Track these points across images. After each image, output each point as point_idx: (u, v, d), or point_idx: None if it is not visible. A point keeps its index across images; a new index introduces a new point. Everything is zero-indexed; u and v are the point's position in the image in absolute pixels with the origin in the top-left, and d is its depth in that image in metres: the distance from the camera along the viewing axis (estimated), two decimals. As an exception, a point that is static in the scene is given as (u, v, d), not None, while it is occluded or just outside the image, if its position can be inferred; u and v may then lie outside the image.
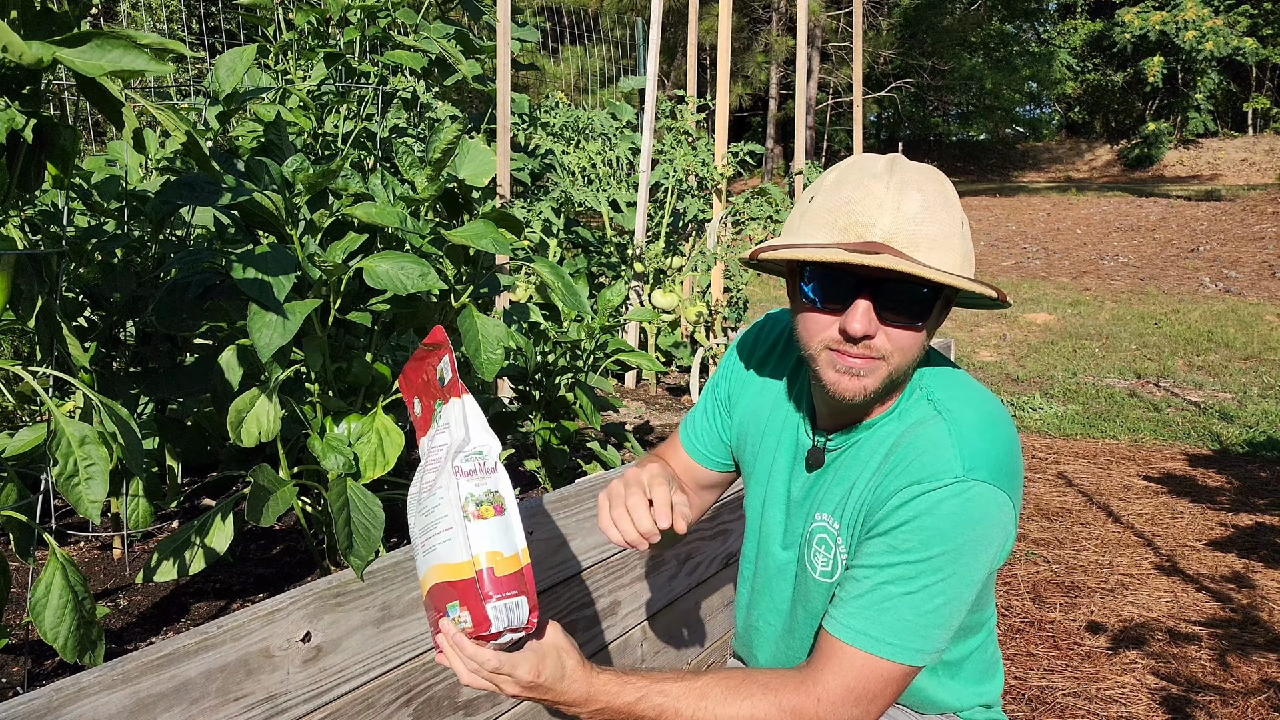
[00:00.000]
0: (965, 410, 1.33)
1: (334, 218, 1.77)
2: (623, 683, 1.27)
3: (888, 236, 1.23)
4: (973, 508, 1.25)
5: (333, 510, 1.57)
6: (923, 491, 1.26)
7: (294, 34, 2.28)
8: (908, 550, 1.27)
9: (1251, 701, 2.58)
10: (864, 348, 1.27)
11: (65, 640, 1.28)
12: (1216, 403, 6.22)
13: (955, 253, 1.26)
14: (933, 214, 1.25)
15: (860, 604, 1.29)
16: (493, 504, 1.19)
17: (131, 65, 1.16)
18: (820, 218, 1.28)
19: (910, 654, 1.27)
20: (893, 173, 1.27)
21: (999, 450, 1.29)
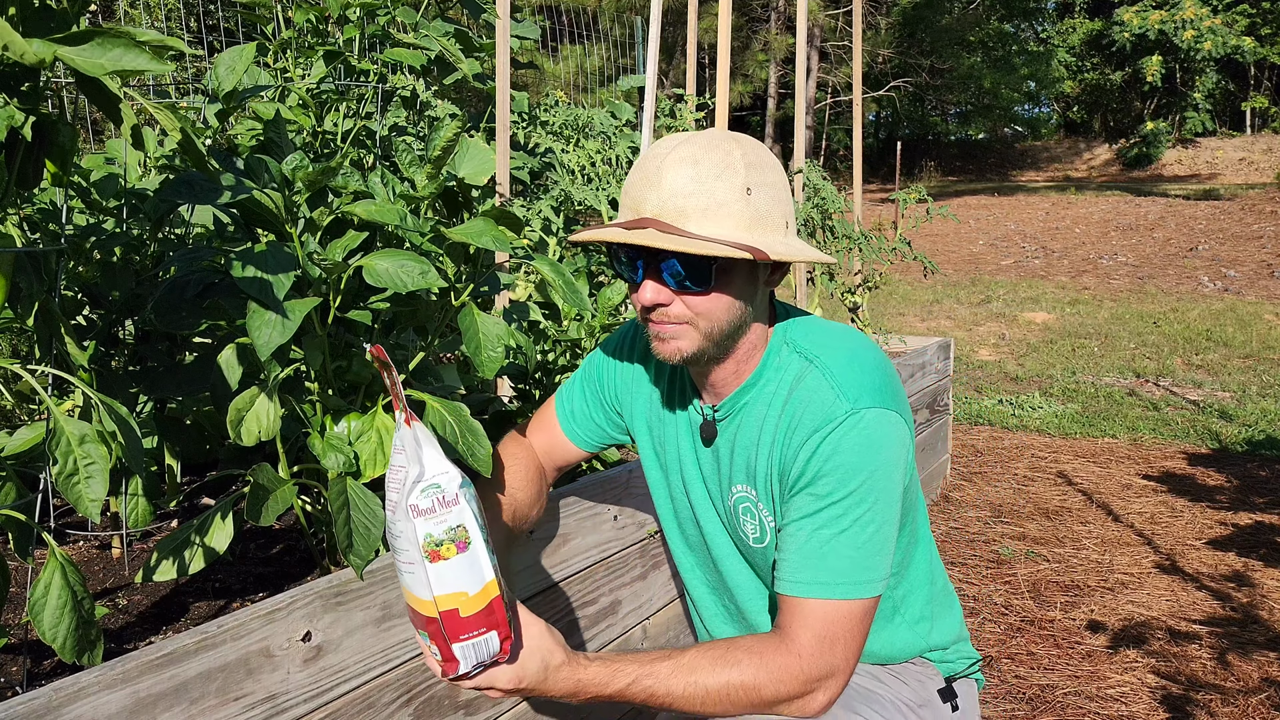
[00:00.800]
0: (831, 353, 1.41)
1: (333, 216, 1.77)
2: (612, 671, 1.29)
3: (656, 211, 1.30)
4: (871, 433, 1.34)
5: (333, 509, 1.57)
6: (823, 437, 1.34)
7: (293, 32, 2.27)
8: (829, 493, 1.34)
9: (1252, 700, 2.57)
10: (661, 314, 1.35)
11: (64, 640, 1.28)
12: (1215, 401, 6.22)
13: (733, 218, 1.30)
14: (703, 185, 1.30)
15: (802, 557, 1.36)
16: (454, 541, 1.13)
17: (132, 64, 1.16)
18: (622, 197, 1.36)
19: (862, 587, 1.34)
20: (676, 149, 1.32)
21: (872, 376, 1.38)
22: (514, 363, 2.41)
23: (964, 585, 3.39)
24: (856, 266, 4.42)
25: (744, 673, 1.30)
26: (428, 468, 1.14)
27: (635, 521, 2.13)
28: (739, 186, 1.32)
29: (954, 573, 3.50)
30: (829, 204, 4.17)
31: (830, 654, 1.33)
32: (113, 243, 1.92)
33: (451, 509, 1.14)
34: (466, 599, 1.13)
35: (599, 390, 1.73)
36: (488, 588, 1.15)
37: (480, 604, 1.14)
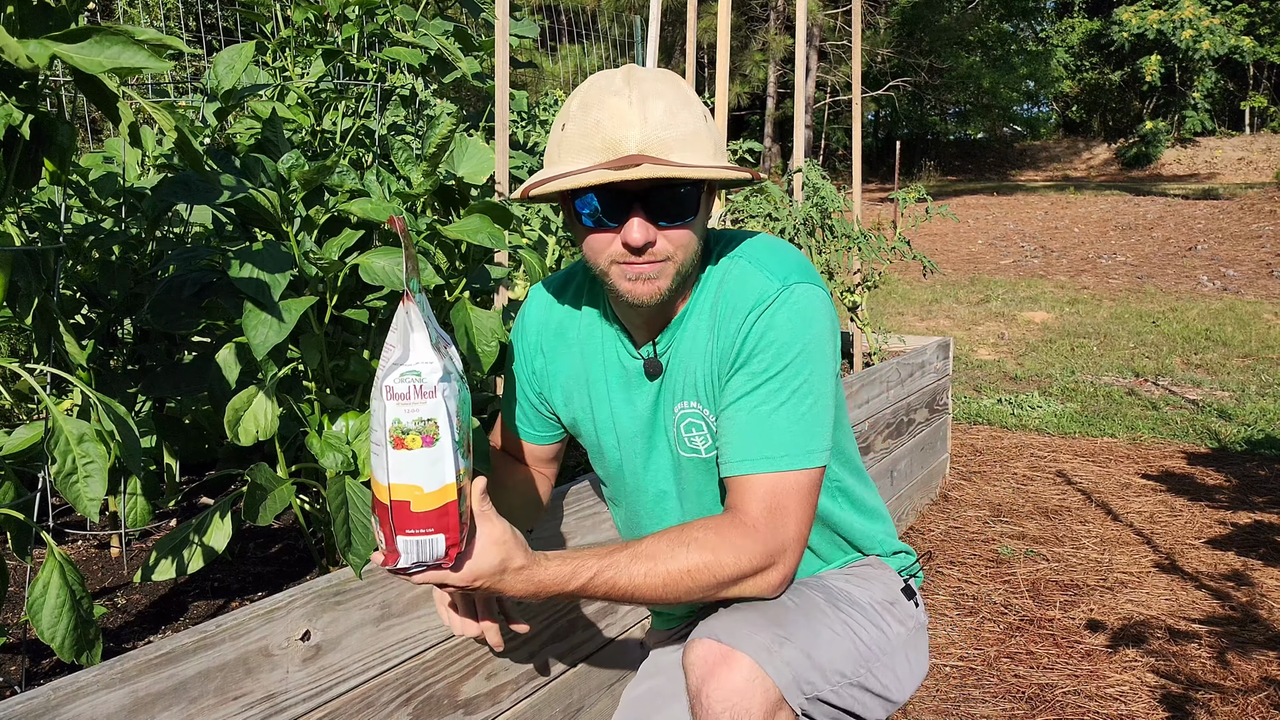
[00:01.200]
0: (750, 246, 1.46)
1: (330, 214, 1.77)
2: (573, 567, 1.27)
3: (642, 146, 1.31)
4: (802, 306, 1.38)
5: (331, 508, 1.57)
6: (757, 314, 1.38)
7: (292, 31, 2.27)
8: (765, 369, 1.37)
9: (1251, 699, 2.57)
10: (649, 254, 1.35)
11: (62, 640, 1.28)
12: (1215, 401, 6.22)
13: (705, 145, 1.35)
14: (676, 116, 1.33)
15: (743, 435, 1.37)
16: (422, 433, 1.09)
17: (131, 62, 1.16)
18: (576, 143, 1.35)
19: (806, 456, 1.36)
20: (631, 85, 1.34)
21: (795, 257, 1.43)
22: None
23: (963, 584, 3.40)
24: (856, 265, 4.42)
25: (702, 551, 1.30)
26: (412, 353, 1.11)
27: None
28: (700, 115, 1.37)
29: (953, 571, 3.51)
30: (828, 203, 4.17)
31: (783, 526, 1.34)
32: (111, 241, 1.91)
33: (426, 401, 1.10)
34: (420, 494, 1.10)
35: (520, 382, 1.72)
36: (445, 490, 1.11)
37: (434, 503, 1.11)
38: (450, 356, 1.17)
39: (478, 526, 1.21)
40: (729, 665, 1.32)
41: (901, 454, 3.86)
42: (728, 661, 1.32)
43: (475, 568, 1.20)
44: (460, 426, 1.13)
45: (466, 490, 1.16)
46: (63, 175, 1.38)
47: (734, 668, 1.31)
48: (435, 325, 1.17)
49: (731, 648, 1.33)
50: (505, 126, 2.51)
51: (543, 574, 1.26)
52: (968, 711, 2.55)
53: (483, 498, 1.22)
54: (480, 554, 1.21)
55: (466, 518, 1.17)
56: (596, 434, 1.63)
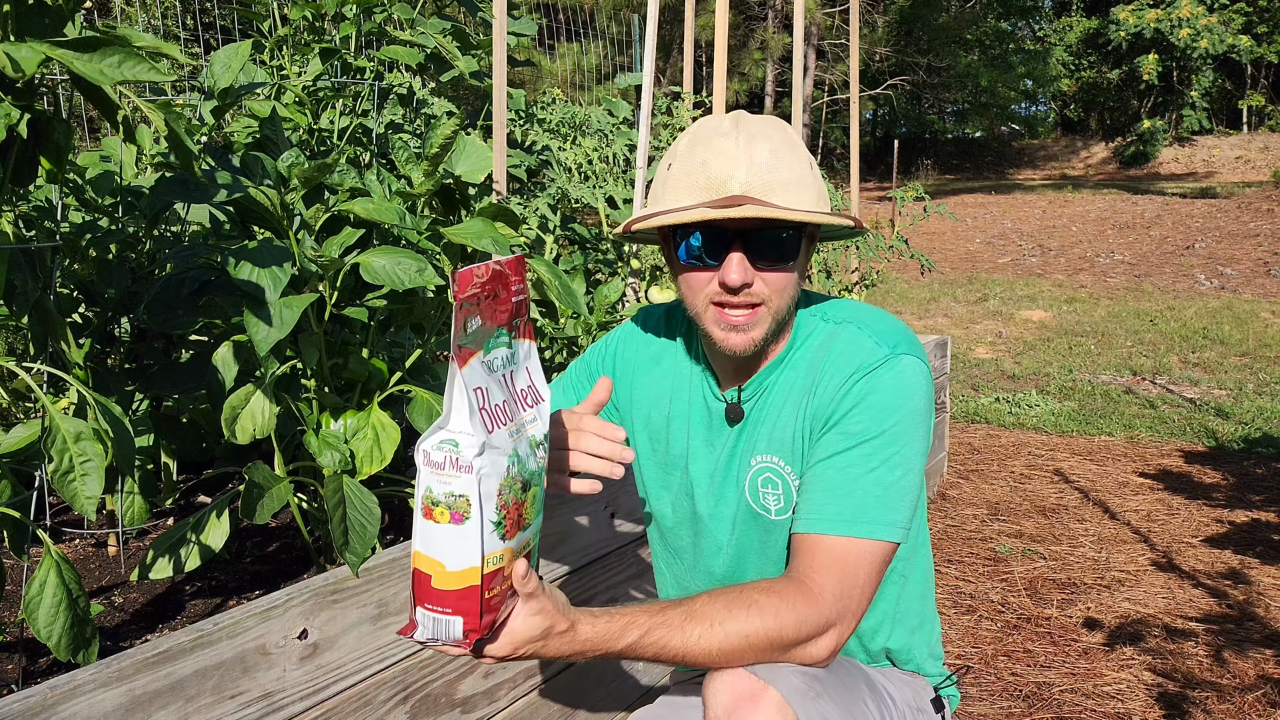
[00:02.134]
0: (861, 312, 1.46)
1: (329, 213, 1.76)
2: (621, 625, 1.21)
3: (746, 188, 1.32)
4: (906, 377, 1.36)
5: (329, 507, 1.57)
6: (861, 376, 1.36)
7: (289, 29, 2.27)
8: (861, 431, 1.34)
9: (1248, 697, 2.58)
10: (745, 296, 1.34)
11: (59, 638, 1.28)
12: (1212, 399, 6.22)
13: (809, 191, 1.35)
14: (782, 160, 1.34)
15: (827, 494, 1.34)
16: (451, 508, 1.01)
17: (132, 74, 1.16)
18: (681, 181, 1.36)
19: (886, 528, 1.31)
20: (739, 128, 1.35)
21: (905, 331, 1.43)
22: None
23: (961, 583, 3.40)
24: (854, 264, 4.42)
25: (764, 616, 1.24)
26: (453, 418, 1.02)
27: (633, 520, 2.13)
28: (806, 161, 1.37)
29: (951, 570, 3.51)
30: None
31: (849, 595, 1.29)
32: (108, 240, 1.91)
33: (461, 475, 1.01)
34: (442, 571, 1.03)
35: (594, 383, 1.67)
36: (468, 573, 1.02)
37: (455, 584, 1.03)
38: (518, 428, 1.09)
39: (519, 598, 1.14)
40: (760, 700, 1.23)
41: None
42: (760, 696, 1.24)
43: (515, 637, 1.13)
44: (503, 506, 1.05)
45: (506, 572, 1.08)
46: (60, 174, 1.37)
47: (765, 703, 1.23)
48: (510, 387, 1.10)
49: (766, 683, 1.24)
50: (503, 125, 2.51)
51: (589, 632, 1.19)
52: (965, 710, 2.55)
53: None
54: (521, 624, 1.13)
55: (497, 601, 1.08)
56: (666, 470, 1.60)
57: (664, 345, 1.63)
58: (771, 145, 1.34)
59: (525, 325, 1.14)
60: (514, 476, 1.06)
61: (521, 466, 1.08)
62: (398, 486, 2.01)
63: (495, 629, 1.11)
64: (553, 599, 1.17)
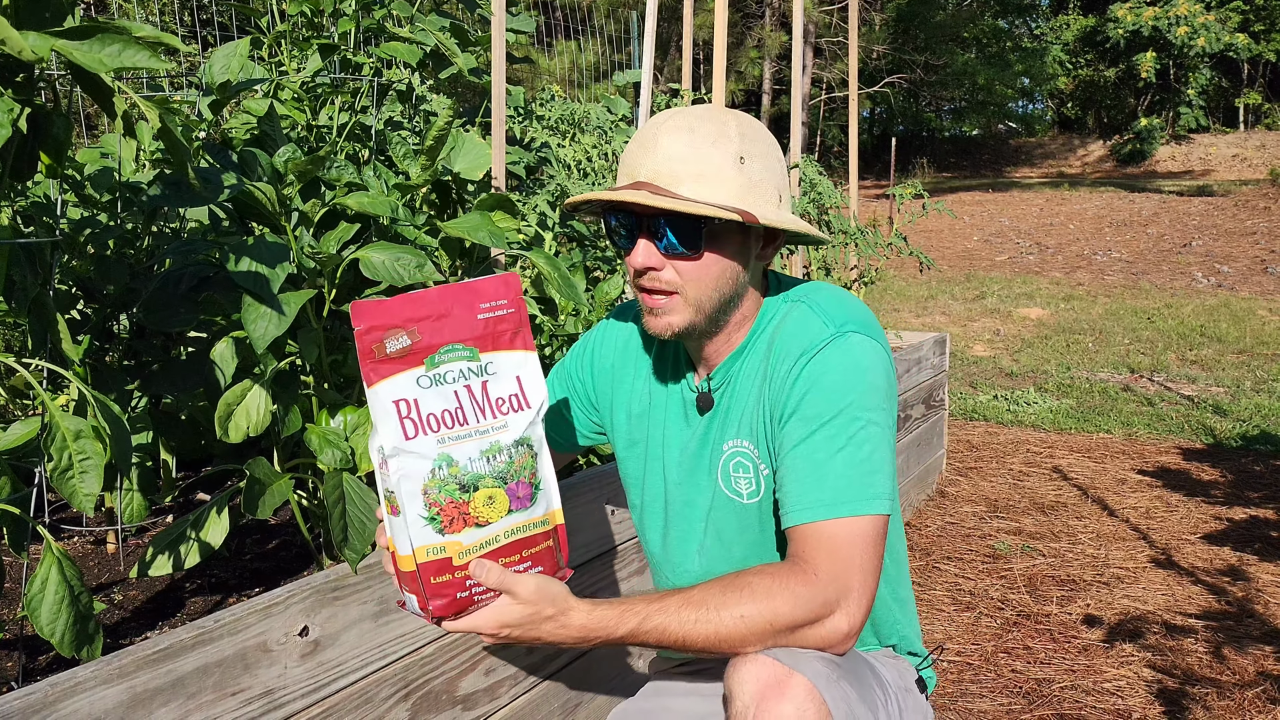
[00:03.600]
0: (816, 293, 1.46)
1: (327, 208, 1.76)
2: (619, 612, 1.25)
3: (651, 175, 1.35)
4: (855, 354, 1.36)
5: (328, 503, 1.56)
6: (809, 359, 1.37)
7: (288, 25, 2.26)
8: (819, 414, 1.34)
9: (1248, 694, 2.58)
10: (651, 279, 1.38)
11: (62, 635, 1.27)
12: (1210, 397, 6.23)
13: (726, 185, 1.35)
14: (698, 151, 1.34)
15: (800, 483, 1.34)
16: (389, 502, 1.18)
17: (131, 61, 1.15)
18: (620, 168, 1.41)
19: (867, 503, 1.31)
20: (672, 117, 1.38)
21: (859, 311, 1.42)
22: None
23: (960, 580, 3.40)
24: (852, 262, 4.42)
25: (756, 598, 1.25)
26: (377, 428, 1.15)
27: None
28: (732, 154, 1.36)
29: (950, 567, 3.51)
30: (825, 199, 4.17)
31: (845, 574, 1.28)
32: (107, 236, 1.91)
33: (384, 473, 1.16)
34: (397, 555, 1.19)
35: (573, 389, 1.72)
36: (406, 559, 1.17)
37: (405, 567, 1.18)
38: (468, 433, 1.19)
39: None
40: (788, 686, 1.23)
41: (898, 450, 3.87)
42: (787, 682, 1.23)
43: (499, 617, 1.20)
44: (433, 504, 1.16)
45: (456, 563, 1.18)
46: (59, 169, 1.37)
47: (794, 688, 1.22)
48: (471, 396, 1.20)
49: (791, 669, 1.24)
50: (502, 122, 2.51)
51: (584, 619, 1.23)
52: (965, 706, 2.55)
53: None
54: (503, 607, 1.21)
55: (452, 588, 1.19)
56: (645, 460, 1.62)
57: (646, 341, 1.64)
58: (691, 137, 1.35)
59: (517, 337, 1.24)
60: (444, 478, 1.16)
61: (458, 469, 1.17)
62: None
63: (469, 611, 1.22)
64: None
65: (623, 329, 1.68)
